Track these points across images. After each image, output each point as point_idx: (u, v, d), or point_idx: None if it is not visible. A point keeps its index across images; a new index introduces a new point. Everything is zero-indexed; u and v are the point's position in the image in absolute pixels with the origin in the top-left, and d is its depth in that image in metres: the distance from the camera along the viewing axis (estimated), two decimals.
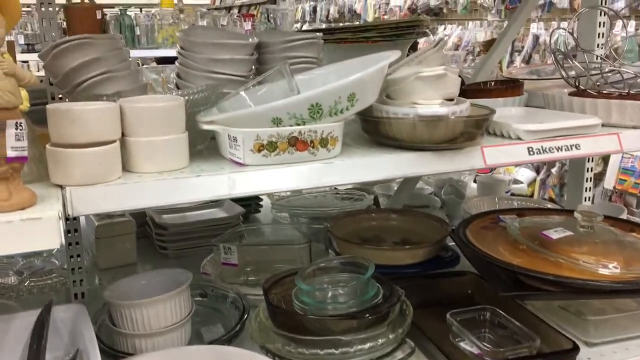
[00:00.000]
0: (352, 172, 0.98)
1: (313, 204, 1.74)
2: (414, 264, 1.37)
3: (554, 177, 4.49)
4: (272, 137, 0.92)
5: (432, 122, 0.99)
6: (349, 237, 1.44)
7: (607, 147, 1.13)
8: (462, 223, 1.38)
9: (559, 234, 1.22)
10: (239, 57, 1.13)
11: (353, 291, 1.10)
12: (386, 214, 1.58)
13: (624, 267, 1.12)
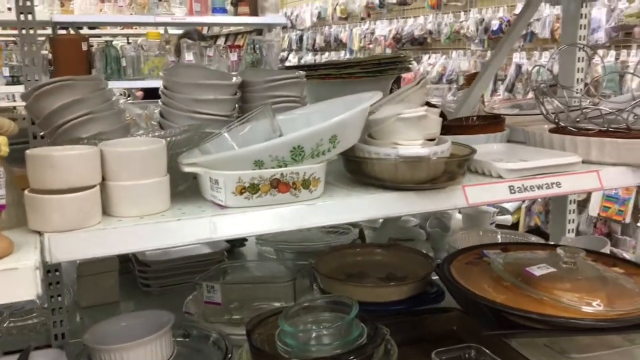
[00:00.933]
0: (335, 213, 0.98)
1: (298, 238, 1.74)
2: (399, 300, 1.36)
3: (539, 204, 4.52)
4: (254, 179, 0.92)
5: (413, 162, 1.00)
6: (334, 273, 1.43)
7: (587, 184, 1.14)
8: (447, 259, 1.38)
9: (542, 271, 1.22)
10: (222, 97, 1.13)
11: (337, 332, 1.09)
12: (371, 249, 1.58)
13: (607, 305, 1.13)
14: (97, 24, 5.27)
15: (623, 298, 1.16)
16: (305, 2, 7.75)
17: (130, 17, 3.92)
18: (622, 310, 1.12)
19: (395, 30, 6.04)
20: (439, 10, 5.58)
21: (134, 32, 6.27)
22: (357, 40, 6.70)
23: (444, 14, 5.54)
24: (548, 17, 4.42)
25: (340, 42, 7.16)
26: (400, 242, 1.79)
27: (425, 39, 5.77)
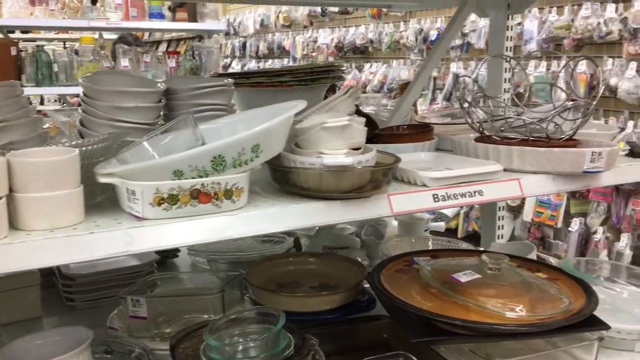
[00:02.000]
0: (259, 223, 0.96)
1: (231, 248, 1.71)
2: (330, 309, 1.35)
3: (477, 210, 4.64)
4: (172, 190, 0.89)
5: (337, 172, 1.00)
6: (266, 284, 1.42)
7: (508, 192, 1.17)
8: (377, 267, 1.39)
9: (467, 277, 1.24)
10: (144, 105, 1.10)
11: (264, 344, 1.07)
12: (304, 258, 1.57)
13: (530, 310, 1.16)
14: (27, 27, 5.07)
15: (545, 303, 1.19)
16: (248, 9, 7.71)
17: (63, 22, 3.79)
18: (543, 315, 1.15)
19: (338, 39, 6.08)
20: (380, 20, 5.66)
21: (70, 36, 6.07)
22: (300, 48, 6.72)
23: (384, 24, 5.62)
24: (483, 28, 4.55)
25: (283, 50, 7.15)
26: (335, 250, 1.78)
27: (366, 48, 5.84)
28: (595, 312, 1.19)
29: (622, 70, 3.62)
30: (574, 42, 3.85)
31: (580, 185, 1.24)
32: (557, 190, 1.22)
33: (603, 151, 1.18)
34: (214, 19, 4.00)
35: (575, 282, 1.30)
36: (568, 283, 1.31)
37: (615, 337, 1.29)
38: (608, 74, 3.70)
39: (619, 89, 3.58)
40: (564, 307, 1.17)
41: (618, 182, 1.33)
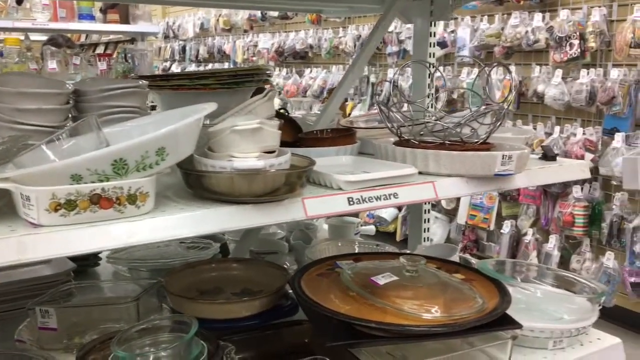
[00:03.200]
0: (166, 228, 0.93)
1: (154, 255, 1.66)
2: (252, 315, 1.34)
3: None
4: (70, 195, 0.85)
5: (249, 175, 0.98)
6: (186, 291, 1.38)
7: (423, 195, 1.19)
8: (299, 271, 1.38)
9: (386, 280, 1.25)
10: (47, 107, 1.06)
11: (176, 353, 1.04)
12: (227, 264, 1.55)
13: (445, 311, 1.17)
14: None
15: (459, 303, 1.21)
16: (188, 12, 7.60)
17: None
18: (457, 316, 1.17)
19: (278, 44, 6.07)
20: (319, 25, 5.69)
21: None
22: (241, 52, 6.67)
23: (323, 29, 5.66)
24: None
25: (224, 54, 7.08)
26: (263, 255, 1.77)
27: (306, 53, 5.85)
28: (509, 312, 1.22)
29: (549, 78, 3.77)
30: (504, 49, 3.97)
31: (492, 187, 1.27)
32: (471, 193, 1.25)
33: (513, 154, 1.21)
34: (147, 21, 3.91)
35: (491, 283, 1.33)
36: (484, 283, 1.33)
37: (529, 335, 1.32)
38: (535, 81, 3.84)
39: (545, 96, 3.72)
40: (477, 307, 1.20)
41: (530, 184, 1.37)
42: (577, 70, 3.63)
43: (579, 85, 3.55)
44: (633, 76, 3.37)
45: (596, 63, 3.59)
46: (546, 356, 1.31)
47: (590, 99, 3.51)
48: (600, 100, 3.45)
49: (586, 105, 3.53)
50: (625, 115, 3.40)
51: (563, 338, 1.32)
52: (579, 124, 3.69)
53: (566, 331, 1.32)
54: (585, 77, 3.55)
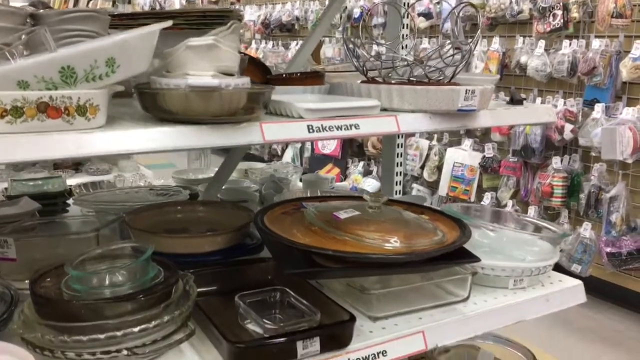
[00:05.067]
0: (117, 142, 0.92)
1: (122, 199, 1.65)
2: (214, 251, 1.33)
3: None
4: (16, 101, 0.84)
5: (204, 93, 0.97)
6: (150, 229, 1.38)
7: (385, 128, 1.18)
8: (264, 209, 1.37)
9: (347, 214, 1.25)
10: (4, 25, 1.04)
11: (132, 274, 1.04)
12: (193, 207, 1.54)
13: (404, 242, 1.18)
14: None
15: (420, 237, 1.21)
16: None
17: None
18: (417, 247, 1.17)
19: (264, 16, 6.02)
20: None
21: None
22: None
23: (310, 1, 5.61)
24: None
25: None
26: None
27: (293, 26, 5.81)
28: (473, 253, 1.23)
29: (532, 49, 3.77)
30: (488, 20, 3.96)
31: (456, 125, 1.26)
32: (434, 129, 1.24)
33: (477, 89, 1.21)
34: None
35: (454, 222, 1.34)
36: (447, 223, 1.34)
37: (490, 274, 1.33)
38: (519, 52, 3.84)
39: (528, 67, 3.72)
40: (437, 240, 1.20)
41: (495, 124, 1.37)
42: (559, 42, 3.63)
43: (561, 56, 3.55)
44: (614, 47, 3.37)
45: (579, 34, 3.59)
46: (507, 294, 1.32)
47: (572, 70, 3.51)
48: (581, 71, 3.45)
49: (567, 76, 3.53)
50: (606, 86, 3.41)
51: (524, 277, 1.33)
52: (561, 95, 3.70)
53: (527, 270, 1.33)
54: (568, 47, 3.55)
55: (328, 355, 1.05)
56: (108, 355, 0.94)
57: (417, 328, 1.16)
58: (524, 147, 3.76)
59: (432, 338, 1.17)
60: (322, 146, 5.47)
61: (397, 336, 1.13)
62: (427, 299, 1.25)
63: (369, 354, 1.09)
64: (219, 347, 1.04)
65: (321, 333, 1.03)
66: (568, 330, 3.35)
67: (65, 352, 0.93)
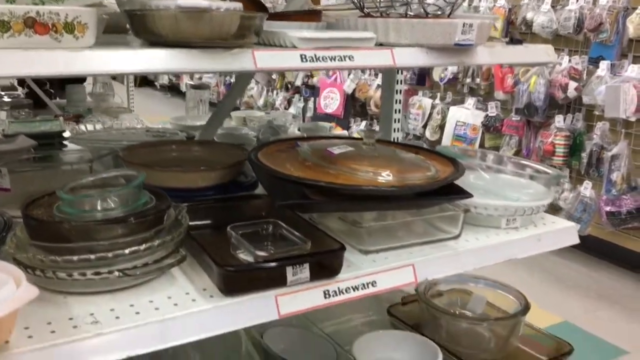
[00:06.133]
0: (105, 63, 0.91)
1: (118, 138, 1.65)
2: (209, 187, 1.34)
3: None
4: (3, 15, 0.83)
5: (194, 14, 0.96)
6: (143, 164, 1.38)
7: (380, 61, 1.17)
8: (259, 146, 1.37)
9: (341, 150, 1.25)
10: None
11: (123, 199, 1.04)
12: (188, 146, 1.54)
13: (397, 176, 1.17)
14: None
15: (413, 172, 1.21)
16: None
17: None
18: (409, 181, 1.17)
19: None
20: None
21: None
22: None
23: None
24: None
25: None
26: None
27: None
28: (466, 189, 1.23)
29: (539, 5, 3.70)
30: None
31: (453, 60, 1.25)
32: (431, 64, 1.23)
33: (474, 23, 1.19)
34: None
35: (448, 161, 1.33)
36: (442, 161, 1.33)
37: (483, 213, 1.33)
38: (525, 8, 3.78)
39: (534, 23, 3.66)
40: (430, 175, 1.20)
41: (493, 61, 1.36)
42: None
43: (568, 12, 3.49)
44: (622, 3, 3.31)
45: None
46: (499, 234, 1.32)
47: (578, 27, 3.46)
48: (587, 27, 3.40)
49: (573, 33, 3.48)
50: (612, 43, 3.36)
51: (516, 217, 1.33)
52: (566, 53, 3.65)
53: (520, 209, 1.33)
54: (574, 3, 3.48)
55: (318, 283, 1.06)
56: (99, 276, 0.95)
57: (407, 261, 1.17)
58: (527, 105, 3.73)
59: (422, 272, 1.17)
60: (325, 105, 5.44)
61: (387, 268, 1.14)
62: (418, 235, 1.26)
63: (359, 284, 1.10)
64: (210, 273, 1.05)
65: (311, 260, 1.04)
66: (563, 287, 3.38)
67: (56, 272, 0.94)
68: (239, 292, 1.00)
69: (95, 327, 0.89)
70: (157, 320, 0.92)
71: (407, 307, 1.72)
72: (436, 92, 4.54)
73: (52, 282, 0.95)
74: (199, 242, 1.10)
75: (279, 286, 1.03)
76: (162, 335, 0.92)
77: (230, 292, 1.00)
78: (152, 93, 9.78)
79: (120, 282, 0.98)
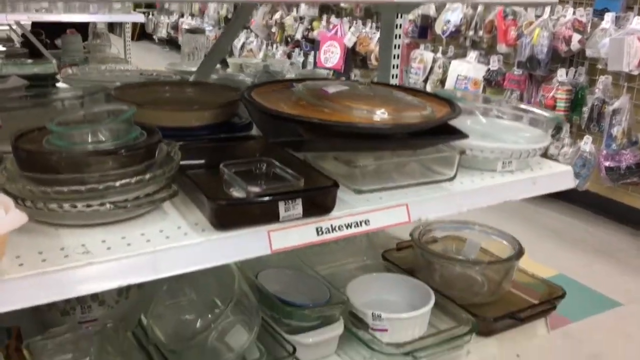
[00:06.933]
0: None
1: (111, 79, 1.63)
2: (203, 126, 1.32)
3: None
4: None
5: None
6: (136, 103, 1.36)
7: None
8: (253, 86, 1.35)
9: (336, 89, 1.23)
10: None
11: (114, 132, 1.03)
12: (182, 87, 1.52)
13: (393, 114, 1.16)
14: None
15: (409, 111, 1.19)
16: None
17: None
18: (405, 120, 1.16)
19: None
20: None
21: None
22: None
23: None
24: None
25: None
26: None
27: None
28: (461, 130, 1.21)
29: None
30: None
31: None
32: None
33: None
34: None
35: (445, 102, 1.31)
36: (439, 102, 1.31)
37: (479, 155, 1.32)
38: None
39: None
40: (426, 114, 1.18)
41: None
42: None
43: None
44: None
45: None
46: (494, 176, 1.32)
47: None
48: None
49: None
50: None
51: (512, 159, 1.32)
52: (570, 5, 3.57)
53: (516, 152, 1.31)
54: None
55: (310, 220, 1.05)
56: (90, 208, 0.94)
57: (401, 201, 1.16)
58: (529, 59, 3.68)
59: (415, 211, 1.17)
60: (325, 59, 5.36)
61: (381, 207, 1.14)
62: (413, 177, 1.25)
63: (352, 222, 1.10)
64: (203, 208, 1.05)
65: (303, 196, 1.03)
66: (560, 242, 3.41)
67: (47, 203, 0.93)
68: (231, 227, 1.00)
69: (87, 256, 0.89)
70: (149, 252, 0.92)
71: (401, 253, 1.73)
72: (438, 46, 4.47)
73: (43, 214, 0.95)
74: (191, 179, 1.09)
75: (272, 222, 1.02)
76: (153, 266, 0.92)
77: (222, 226, 0.99)
78: (150, 46, 9.67)
79: (112, 215, 0.98)
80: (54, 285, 0.85)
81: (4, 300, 0.81)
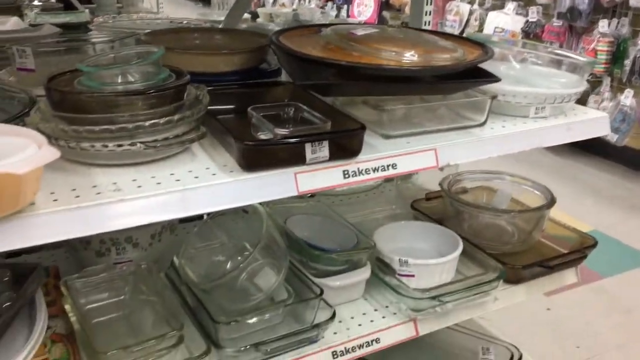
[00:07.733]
0: None
1: (142, 26, 1.63)
2: (231, 72, 1.32)
3: None
4: None
5: None
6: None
7: None
8: (282, 30, 1.34)
9: (365, 31, 1.21)
10: None
11: (142, 76, 1.04)
12: (211, 34, 1.51)
13: (422, 55, 1.13)
14: None
15: (440, 53, 1.17)
16: None
17: None
18: (436, 62, 1.13)
19: None
20: None
21: None
22: None
23: None
24: None
25: None
26: None
27: None
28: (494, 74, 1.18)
29: None
30: None
31: None
32: None
33: None
34: None
35: (478, 45, 1.28)
36: (471, 46, 1.28)
37: (511, 101, 1.29)
38: None
39: None
40: (457, 56, 1.16)
41: None
42: None
43: None
44: None
45: None
46: (526, 122, 1.29)
47: None
48: None
49: None
50: None
51: (546, 105, 1.29)
52: None
53: (550, 97, 1.28)
54: None
55: (337, 163, 1.05)
56: (120, 148, 0.96)
57: (429, 146, 1.15)
58: (570, 9, 3.54)
59: (444, 156, 1.16)
60: (358, 13, 5.27)
61: (408, 151, 1.13)
62: (442, 122, 1.23)
63: (379, 165, 1.10)
64: (231, 150, 1.05)
65: (330, 137, 1.03)
66: (597, 198, 3.34)
67: (79, 143, 0.95)
68: (258, 168, 1.00)
69: (118, 194, 0.91)
70: (178, 190, 0.94)
71: (430, 203, 1.72)
72: None
73: (75, 153, 0.97)
74: (220, 122, 1.10)
75: (298, 164, 1.03)
76: (183, 204, 0.94)
77: (250, 167, 1.00)
78: (183, 2, 9.63)
79: (142, 155, 0.99)
80: (87, 220, 0.87)
81: (40, 233, 0.84)
